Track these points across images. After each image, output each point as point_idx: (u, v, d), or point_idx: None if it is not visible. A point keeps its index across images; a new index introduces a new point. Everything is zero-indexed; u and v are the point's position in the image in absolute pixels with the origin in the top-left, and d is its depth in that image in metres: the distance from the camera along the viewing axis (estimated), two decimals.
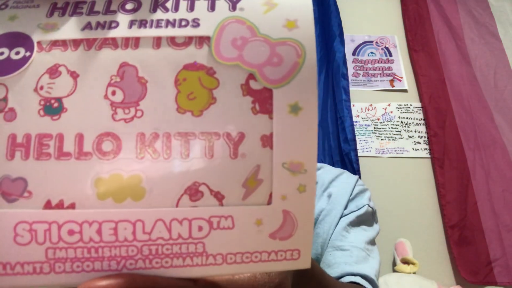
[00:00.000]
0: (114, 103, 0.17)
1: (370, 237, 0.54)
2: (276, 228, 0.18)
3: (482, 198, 1.33)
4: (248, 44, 0.18)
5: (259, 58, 0.18)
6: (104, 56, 0.18)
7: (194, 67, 0.18)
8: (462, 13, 1.68)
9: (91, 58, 0.17)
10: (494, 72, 1.56)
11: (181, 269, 0.18)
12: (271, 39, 0.18)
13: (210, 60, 0.18)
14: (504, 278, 1.23)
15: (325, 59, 1.58)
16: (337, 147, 1.39)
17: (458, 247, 1.28)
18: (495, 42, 1.62)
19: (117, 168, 0.17)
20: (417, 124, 1.50)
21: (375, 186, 1.37)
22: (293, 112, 0.18)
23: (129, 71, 0.18)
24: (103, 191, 0.17)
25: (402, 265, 1.22)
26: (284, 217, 0.18)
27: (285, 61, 0.18)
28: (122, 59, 0.18)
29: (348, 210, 0.55)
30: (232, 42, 0.18)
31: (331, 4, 1.63)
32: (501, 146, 1.41)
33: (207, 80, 0.18)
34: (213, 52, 0.18)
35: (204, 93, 0.18)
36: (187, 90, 0.18)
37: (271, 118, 0.18)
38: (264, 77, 0.18)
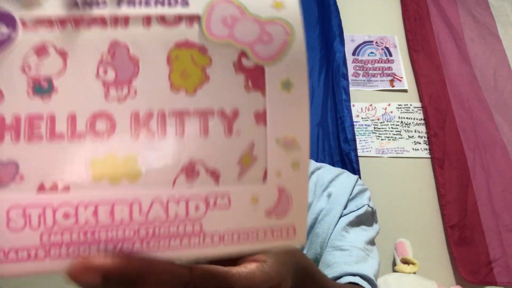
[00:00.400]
0: (106, 82, 0.17)
1: (369, 237, 0.54)
2: (271, 206, 0.18)
3: (482, 198, 1.33)
4: (239, 23, 0.18)
5: (250, 36, 0.18)
6: (93, 34, 0.17)
7: (186, 45, 0.18)
8: (462, 13, 1.68)
9: (80, 36, 0.17)
10: (494, 72, 1.56)
11: (178, 251, 0.17)
12: (260, 18, 0.18)
13: (202, 38, 0.18)
14: (504, 278, 1.23)
15: (325, 59, 1.58)
16: (337, 147, 1.39)
17: (458, 247, 1.29)
18: (495, 42, 1.62)
19: (111, 148, 0.17)
20: (417, 124, 1.50)
21: (375, 186, 1.37)
22: (285, 88, 0.18)
23: (120, 49, 0.17)
24: (98, 172, 0.17)
25: (402, 265, 1.22)
26: (279, 194, 0.18)
27: (275, 39, 0.18)
28: (112, 37, 0.17)
29: (347, 210, 0.55)
30: (223, 21, 0.18)
31: (331, 4, 1.63)
32: (501, 146, 1.42)
33: (200, 58, 0.18)
34: (204, 30, 0.18)
35: (197, 71, 0.18)
36: (180, 68, 0.17)
37: (264, 95, 0.18)
38: (256, 54, 0.18)
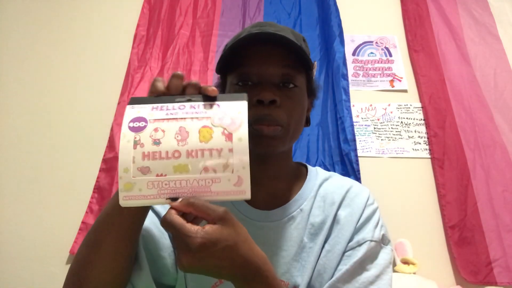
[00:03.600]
0: (179, 140, 0.43)
1: (373, 275, 0.56)
2: (236, 181, 0.42)
3: (482, 198, 1.33)
4: (226, 116, 0.45)
5: (226, 122, 0.44)
6: (173, 124, 0.43)
7: (204, 127, 0.43)
8: (462, 13, 1.68)
9: (170, 124, 0.43)
10: (494, 72, 1.56)
11: (204, 196, 0.42)
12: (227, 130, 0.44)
13: (210, 124, 0.44)
14: (504, 278, 1.23)
15: (325, 59, 1.58)
16: (337, 147, 1.39)
17: (458, 247, 1.28)
18: (495, 42, 1.62)
19: (181, 161, 0.42)
20: (417, 124, 1.50)
21: (375, 186, 1.37)
22: (239, 141, 0.43)
23: (182, 129, 0.43)
24: (179, 167, 0.42)
25: (402, 265, 1.22)
26: (238, 177, 0.42)
27: (236, 123, 0.44)
28: (180, 125, 0.43)
29: (351, 244, 0.58)
30: (220, 119, 0.44)
31: (331, 4, 1.63)
32: (501, 146, 1.41)
33: (209, 131, 0.43)
34: (212, 123, 0.44)
35: (208, 135, 0.43)
36: (202, 134, 0.43)
37: (232, 142, 0.42)
38: (229, 129, 0.43)
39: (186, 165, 0.41)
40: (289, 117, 0.58)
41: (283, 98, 0.58)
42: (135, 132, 0.43)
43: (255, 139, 0.57)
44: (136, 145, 0.42)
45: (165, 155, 0.42)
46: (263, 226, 0.61)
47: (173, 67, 1.55)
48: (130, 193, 0.41)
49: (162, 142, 0.42)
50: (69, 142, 1.45)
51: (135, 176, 0.41)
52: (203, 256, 0.40)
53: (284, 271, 0.59)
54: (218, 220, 0.41)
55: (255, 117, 0.56)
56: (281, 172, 0.66)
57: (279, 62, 0.59)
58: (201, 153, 0.42)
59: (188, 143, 0.42)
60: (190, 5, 1.69)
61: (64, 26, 1.67)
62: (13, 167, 1.41)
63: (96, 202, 1.34)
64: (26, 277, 1.27)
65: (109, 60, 1.60)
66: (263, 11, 1.70)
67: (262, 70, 0.58)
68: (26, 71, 1.58)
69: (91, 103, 1.52)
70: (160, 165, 0.41)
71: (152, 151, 0.42)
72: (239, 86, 0.60)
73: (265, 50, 0.59)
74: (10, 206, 1.36)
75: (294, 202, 0.64)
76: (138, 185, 0.41)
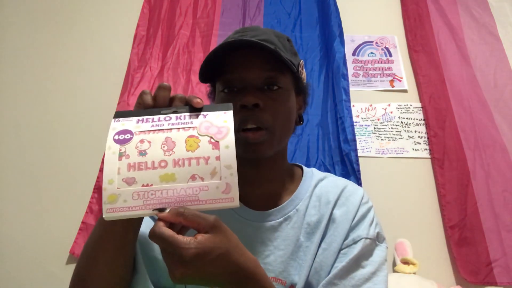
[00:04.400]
0: (165, 150, 0.43)
1: (368, 272, 0.58)
2: (224, 189, 0.41)
3: (482, 198, 1.33)
4: (216, 128, 0.46)
5: (213, 131, 0.45)
6: (159, 135, 0.44)
7: (191, 136, 0.44)
8: (462, 13, 1.68)
9: (155, 136, 0.44)
10: (494, 72, 1.56)
11: (192, 206, 0.41)
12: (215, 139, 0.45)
13: (196, 133, 0.44)
14: (504, 279, 1.23)
15: (325, 59, 1.58)
16: (337, 148, 1.39)
17: (458, 247, 1.28)
18: (495, 42, 1.62)
19: (167, 171, 0.43)
20: (417, 124, 1.50)
21: (375, 186, 1.37)
22: (226, 148, 0.43)
23: (169, 139, 0.43)
24: (165, 177, 0.42)
25: (402, 265, 1.22)
26: (226, 185, 0.41)
27: (223, 132, 0.45)
28: (166, 135, 0.44)
29: (346, 242, 0.60)
30: (206, 128, 0.45)
31: (331, 4, 1.63)
32: (501, 146, 1.41)
33: (196, 140, 0.43)
34: (198, 131, 0.44)
35: (195, 145, 0.43)
36: (189, 143, 0.43)
37: (219, 151, 0.43)
38: (216, 137, 0.44)
39: (173, 174, 0.41)
40: (274, 118, 0.60)
41: (266, 101, 0.59)
42: (120, 144, 0.43)
43: (242, 146, 0.59)
44: (121, 156, 0.42)
45: (151, 165, 0.41)
46: (260, 227, 0.63)
47: (173, 67, 1.55)
48: (114, 205, 0.40)
49: (148, 152, 0.42)
50: (69, 142, 1.45)
51: (120, 187, 0.40)
52: (198, 266, 0.40)
53: (281, 270, 0.60)
54: (209, 228, 0.41)
55: (240, 121, 0.58)
56: (275, 173, 0.67)
57: (261, 66, 0.60)
58: (188, 162, 0.41)
59: (175, 153, 0.42)
60: (190, 5, 1.69)
61: (64, 27, 1.67)
62: (13, 167, 1.41)
63: (96, 202, 1.34)
64: (26, 277, 1.27)
65: (109, 60, 1.60)
66: (263, 11, 1.70)
67: (244, 75, 0.60)
68: (26, 71, 1.58)
69: (91, 103, 1.52)
70: (146, 175, 0.41)
71: (138, 162, 0.42)
72: (224, 93, 0.62)
73: (247, 55, 0.60)
74: (10, 206, 1.36)
75: (290, 203, 0.65)
76: (123, 196, 0.40)
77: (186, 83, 1.53)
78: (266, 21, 1.67)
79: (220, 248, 0.41)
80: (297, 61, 0.66)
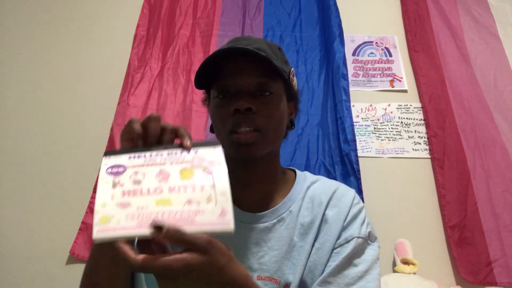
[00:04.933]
0: (160, 180, 0.43)
1: (361, 270, 0.60)
2: (219, 213, 0.41)
3: (482, 198, 1.32)
4: (209, 163, 0.46)
5: (205, 163, 0.45)
6: (152, 169, 0.44)
7: (185, 170, 0.44)
8: (462, 13, 1.68)
9: (148, 170, 0.44)
10: (494, 72, 1.56)
11: (188, 227, 0.39)
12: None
13: (190, 167, 0.45)
14: (504, 279, 1.23)
15: (325, 59, 1.58)
16: (337, 148, 1.39)
17: (458, 247, 1.28)
18: (495, 42, 1.62)
19: (163, 196, 0.42)
20: (417, 124, 1.50)
21: (375, 186, 1.37)
22: None
23: (164, 171, 0.44)
24: (161, 201, 0.41)
25: (402, 265, 1.22)
26: (222, 210, 0.41)
27: (214, 162, 0.46)
28: (160, 168, 0.44)
29: (339, 241, 0.63)
30: (200, 160, 0.46)
31: (331, 5, 1.63)
32: (501, 146, 1.41)
33: (189, 172, 0.44)
34: (191, 169, 0.45)
35: (190, 175, 0.43)
36: (183, 174, 0.44)
37: (213, 178, 0.43)
38: (208, 170, 0.44)
39: (169, 199, 0.41)
40: (266, 121, 0.63)
41: (259, 105, 0.62)
42: (114, 176, 0.43)
43: (235, 148, 0.62)
44: (115, 185, 0.42)
45: (146, 192, 0.41)
46: (254, 228, 0.65)
47: (173, 67, 1.55)
48: (106, 226, 0.38)
49: (143, 182, 0.42)
50: (69, 142, 1.45)
51: (113, 210, 0.39)
52: (183, 282, 0.40)
53: (275, 269, 0.63)
54: (202, 248, 0.40)
55: (233, 124, 0.61)
56: (268, 175, 0.70)
57: (253, 72, 0.63)
58: (184, 189, 0.42)
59: (170, 182, 0.42)
60: (190, 5, 1.69)
61: (64, 26, 1.67)
62: (13, 167, 1.41)
63: None
64: (26, 277, 1.27)
65: (109, 60, 1.60)
66: (263, 11, 1.70)
67: (237, 81, 0.63)
68: (26, 71, 1.58)
69: (91, 103, 1.52)
70: (141, 200, 0.40)
71: (132, 189, 0.41)
72: (219, 99, 0.64)
73: (240, 62, 0.63)
74: (10, 206, 1.36)
75: (283, 205, 0.68)
76: (116, 217, 0.39)
77: (186, 83, 1.53)
78: (266, 21, 1.67)
79: (208, 267, 0.41)
80: (288, 68, 0.70)
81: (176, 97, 1.50)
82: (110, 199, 0.40)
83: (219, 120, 0.64)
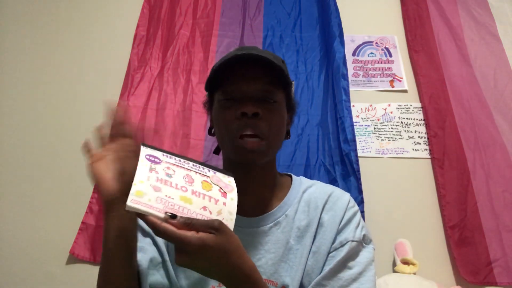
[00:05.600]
0: (186, 183, 0.50)
1: (355, 273, 0.62)
2: (219, 217, 0.49)
3: (482, 198, 1.32)
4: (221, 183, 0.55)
5: (220, 183, 0.54)
6: (180, 170, 0.52)
7: (205, 181, 0.53)
8: (462, 13, 1.68)
9: (177, 167, 0.52)
10: (494, 72, 1.56)
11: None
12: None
13: (209, 179, 0.54)
14: (504, 279, 1.23)
15: (325, 59, 1.58)
16: (337, 148, 1.39)
17: (458, 247, 1.28)
18: (495, 42, 1.62)
19: (188, 194, 0.49)
20: (417, 124, 1.50)
21: (375, 187, 1.37)
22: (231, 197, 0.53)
23: (189, 175, 0.52)
24: (185, 198, 0.48)
25: (402, 265, 1.22)
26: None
27: (228, 186, 0.55)
28: (186, 172, 0.52)
29: (334, 245, 0.64)
30: (217, 181, 0.55)
31: (331, 5, 1.63)
32: (501, 146, 1.41)
33: (209, 185, 0.52)
34: (210, 180, 0.54)
35: (209, 186, 0.51)
36: (204, 185, 0.51)
37: (225, 198, 0.52)
38: (224, 188, 0.54)
39: (190, 199, 0.48)
40: (269, 128, 0.65)
41: (264, 111, 0.64)
42: (151, 162, 0.51)
43: (240, 152, 0.64)
44: (151, 170, 0.49)
45: (174, 185, 0.49)
46: (250, 232, 0.67)
47: (173, 67, 1.55)
48: (139, 199, 0.45)
49: (173, 177, 0.50)
50: (69, 142, 1.45)
51: (146, 189, 0.46)
52: (197, 258, 0.45)
53: (272, 271, 0.64)
54: (213, 230, 0.46)
55: (239, 127, 0.63)
56: (266, 180, 0.72)
57: (261, 80, 0.65)
58: (203, 196, 0.50)
59: (194, 186, 0.51)
60: (190, 5, 1.69)
61: (64, 27, 1.67)
62: (13, 167, 1.41)
63: (96, 202, 1.34)
64: (26, 277, 1.27)
65: (109, 60, 1.60)
66: (263, 11, 1.70)
67: (245, 87, 0.65)
68: (26, 71, 1.58)
69: (91, 103, 1.52)
70: (170, 190, 0.48)
71: (164, 179, 0.49)
72: (225, 101, 0.66)
73: (248, 69, 0.65)
74: (10, 206, 1.36)
75: (279, 209, 0.70)
76: (148, 195, 0.46)
77: (186, 83, 1.53)
78: (266, 21, 1.67)
79: (219, 248, 0.46)
80: (291, 81, 0.72)
81: (176, 97, 1.50)
82: (146, 179, 0.47)
83: (224, 122, 0.66)
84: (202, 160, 1.38)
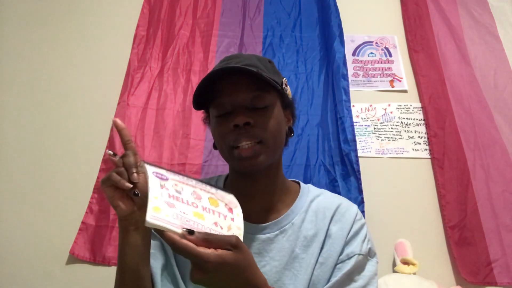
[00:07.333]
0: (194, 201, 0.53)
1: (360, 285, 0.63)
2: (229, 231, 0.52)
3: (482, 198, 1.32)
4: (226, 197, 0.60)
5: (226, 199, 0.58)
6: (188, 188, 0.54)
7: (212, 198, 0.55)
8: (462, 13, 1.68)
9: (184, 184, 0.55)
10: (494, 72, 1.56)
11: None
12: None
13: (213, 196, 0.57)
14: (504, 279, 1.23)
15: (325, 59, 1.58)
16: (337, 148, 1.39)
17: (458, 247, 1.28)
18: (495, 42, 1.62)
19: (199, 210, 0.52)
20: (417, 124, 1.50)
21: (375, 187, 1.37)
22: (237, 213, 0.56)
23: (197, 193, 0.54)
24: (197, 214, 0.51)
25: (402, 265, 1.22)
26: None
27: (232, 202, 0.59)
28: (192, 190, 0.55)
29: (341, 257, 0.65)
30: (222, 197, 0.58)
31: (331, 5, 1.63)
32: (501, 146, 1.41)
33: (215, 201, 0.55)
34: (215, 198, 0.57)
35: (216, 202, 0.55)
36: (211, 201, 0.54)
37: (232, 213, 0.55)
38: (229, 204, 0.57)
39: (202, 215, 0.50)
40: (265, 132, 0.65)
41: (257, 119, 0.65)
42: (159, 179, 0.51)
43: (238, 162, 0.65)
44: (162, 187, 0.50)
45: (186, 202, 0.50)
46: (256, 239, 0.68)
47: (173, 67, 1.55)
48: (158, 215, 0.46)
49: (183, 193, 0.52)
50: (69, 142, 1.45)
51: (162, 205, 0.48)
52: (214, 275, 0.46)
53: (276, 279, 0.65)
54: (231, 247, 0.48)
55: (234, 139, 0.64)
56: (271, 186, 0.72)
57: (247, 88, 0.66)
58: (212, 212, 0.52)
59: (202, 202, 0.52)
60: (190, 5, 1.69)
61: (63, 27, 1.67)
62: (13, 167, 1.41)
63: (96, 202, 1.33)
64: (26, 277, 1.27)
65: (109, 60, 1.60)
66: (263, 11, 1.70)
67: (233, 98, 0.66)
68: (25, 71, 1.58)
69: (91, 103, 1.52)
70: (183, 206, 0.49)
71: (175, 195, 0.50)
72: (219, 117, 0.67)
73: (233, 80, 0.66)
74: (10, 206, 1.36)
75: (286, 217, 0.70)
76: (165, 211, 0.47)
77: (186, 83, 1.53)
78: (266, 21, 1.67)
79: (237, 265, 0.47)
80: (280, 79, 0.72)
81: (176, 97, 1.50)
82: (159, 195, 0.49)
83: (220, 137, 0.67)
84: (202, 160, 1.38)
